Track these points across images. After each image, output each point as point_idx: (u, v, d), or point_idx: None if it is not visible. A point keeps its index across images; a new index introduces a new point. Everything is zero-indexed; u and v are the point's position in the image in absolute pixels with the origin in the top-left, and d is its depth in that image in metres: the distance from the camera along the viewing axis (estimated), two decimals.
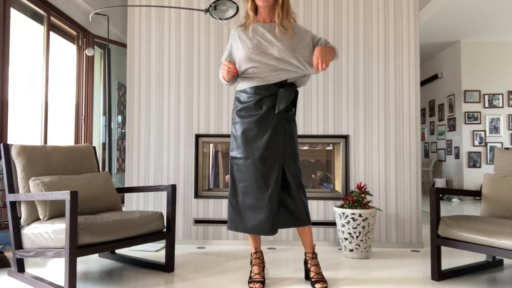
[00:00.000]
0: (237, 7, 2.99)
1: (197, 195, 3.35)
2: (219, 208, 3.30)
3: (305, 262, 2.32)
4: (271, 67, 2.21)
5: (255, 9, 2.30)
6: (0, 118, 3.18)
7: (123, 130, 5.41)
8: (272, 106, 2.22)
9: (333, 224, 3.25)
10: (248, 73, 2.24)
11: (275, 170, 2.19)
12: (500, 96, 7.24)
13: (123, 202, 3.31)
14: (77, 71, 4.59)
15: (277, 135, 2.22)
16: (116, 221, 2.22)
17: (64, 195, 1.99)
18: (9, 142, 3.32)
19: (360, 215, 2.85)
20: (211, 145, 3.52)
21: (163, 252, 3.01)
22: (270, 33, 2.24)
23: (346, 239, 2.90)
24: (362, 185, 3.22)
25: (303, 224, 2.23)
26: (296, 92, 2.32)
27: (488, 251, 2.12)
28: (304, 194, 2.24)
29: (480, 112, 7.26)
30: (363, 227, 2.86)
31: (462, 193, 2.62)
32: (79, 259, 2.76)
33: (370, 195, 3.01)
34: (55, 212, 2.26)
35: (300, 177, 2.24)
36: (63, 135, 4.38)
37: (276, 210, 2.18)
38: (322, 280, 2.21)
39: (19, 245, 2.30)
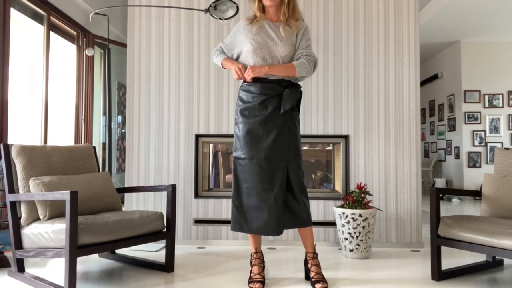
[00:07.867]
0: (237, 7, 2.99)
1: (197, 195, 3.35)
2: (219, 208, 3.30)
3: (305, 262, 2.32)
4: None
5: (262, 8, 2.31)
6: (0, 118, 3.18)
7: (123, 130, 5.41)
8: (277, 107, 2.23)
9: (333, 224, 3.25)
10: None
11: (280, 170, 2.20)
12: (500, 96, 7.23)
13: (123, 202, 3.31)
14: (77, 71, 4.59)
15: (282, 136, 2.22)
16: (116, 221, 2.22)
17: (64, 195, 1.99)
18: (9, 142, 3.31)
19: (360, 215, 2.85)
20: (211, 145, 3.52)
21: (163, 252, 3.01)
22: (275, 32, 2.26)
23: (346, 239, 2.90)
24: (362, 185, 3.22)
25: (304, 225, 2.23)
26: (301, 93, 2.33)
27: (488, 251, 2.12)
28: (306, 196, 2.24)
29: (480, 112, 7.26)
30: (363, 227, 2.86)
31: (462, 193, 2.62)
32: (79, 259, 2.76)
33: (370, 195, 3.01)
34: (55, 212, 2.26)
35: (302, 180, 2.24)
36: (63, 135, 4.38)
37: (281, 211, 2.18)
38: (322, 280, 2.21)
39: (19, 245, 2.30)
